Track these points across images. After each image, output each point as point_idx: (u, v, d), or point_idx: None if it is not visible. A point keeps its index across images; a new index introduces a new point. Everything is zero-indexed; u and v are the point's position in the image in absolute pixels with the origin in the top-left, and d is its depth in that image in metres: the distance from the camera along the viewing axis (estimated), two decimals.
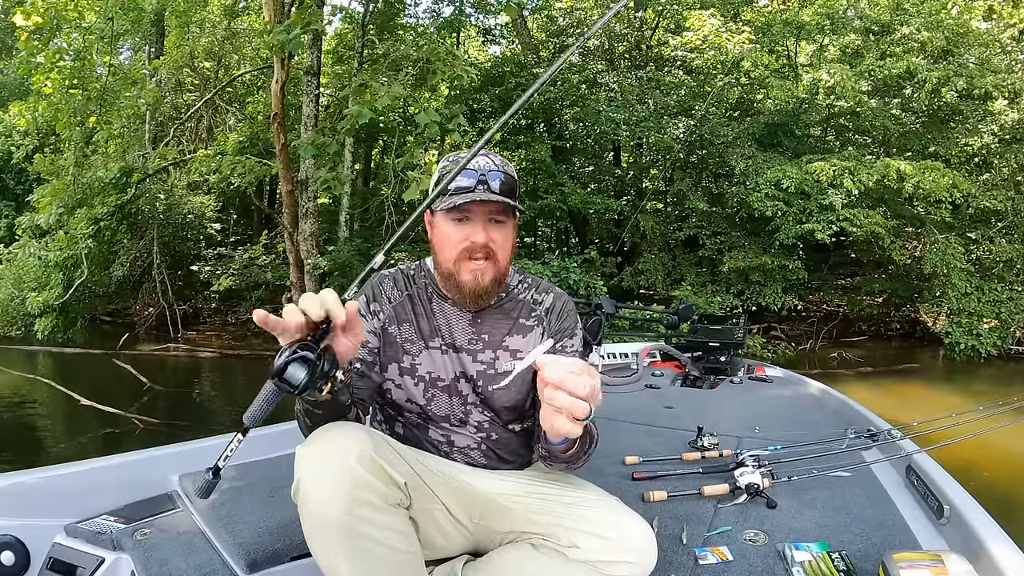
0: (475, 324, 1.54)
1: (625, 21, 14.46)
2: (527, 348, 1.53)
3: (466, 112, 11.18)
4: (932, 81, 9.50)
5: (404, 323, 1.53)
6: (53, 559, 1.69)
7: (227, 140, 12.96)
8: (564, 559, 1.38)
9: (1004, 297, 9.80)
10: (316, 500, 1.19)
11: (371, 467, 1.21)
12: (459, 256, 1.44)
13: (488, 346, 1.53)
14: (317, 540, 1.21)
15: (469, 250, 1.43)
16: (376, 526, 1.20)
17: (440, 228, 1.47)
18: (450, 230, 1.45)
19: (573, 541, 1.38)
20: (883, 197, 10.19)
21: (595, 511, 1.43)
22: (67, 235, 10.52)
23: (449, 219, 1.44)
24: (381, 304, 1.53)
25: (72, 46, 10.52)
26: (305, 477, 1.21)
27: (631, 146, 14.07)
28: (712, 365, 3.96)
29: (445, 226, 1.45)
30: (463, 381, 1.53)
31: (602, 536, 1.37)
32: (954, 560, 1.38)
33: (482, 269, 1.44)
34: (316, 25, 8.67)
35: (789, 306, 10.67)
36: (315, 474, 1.20)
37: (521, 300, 1.60)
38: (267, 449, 2.32)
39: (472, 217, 1.43)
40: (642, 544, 1.38)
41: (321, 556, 1.22)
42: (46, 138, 12.73)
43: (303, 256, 11.66)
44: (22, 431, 6.30)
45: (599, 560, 1.35)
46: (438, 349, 1.52)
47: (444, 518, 1.45)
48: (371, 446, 1.24)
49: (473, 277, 1.44)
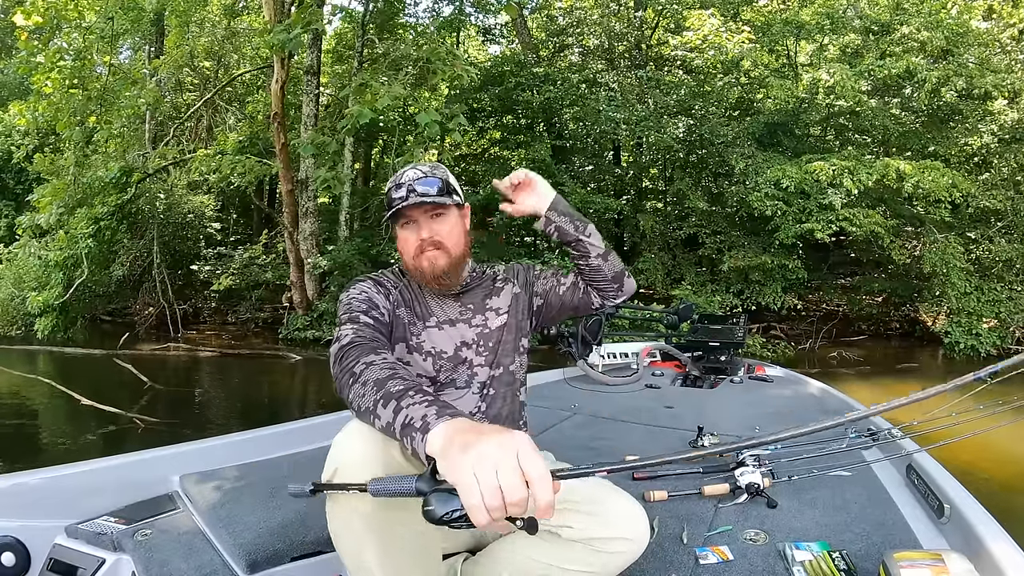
0: (460, 300, 1.75)
1: (625, 21, 14.47)
2: (505, 303, 1.78)
3: (466, 112, 11.19)
4: (932, 81, 9.50)
5: (403, 307, 1.69)
6: (54, 560, 1.69)
7: (227, 140, 12.98)
8: (557, 539, 1.39)
9: (1003, 297, 9.80)
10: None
11: (408, 455, 1.21)
12: (414, 253, 1.65)
13: (476, 311, 1.75)
14: (347, 528, 1.23)
15: (420, 247, 1.64)
16: (406, 513, 1.20)
17: (397, 237, 1.69)
18: (403, 235, 1.67)
19: (566, 521, 1.39)
20: (883, 197, 10.19)
21: (583, 490, 1.44)
22: (67, 235, 10.53)
23: (399, 228, 1.67)
24: (388, 288, 1.69)
25: (72, 46, 10.53)
26: (344, 466, 1.20)
27: (631, 145, 14.08)
28: (712, 365, 3.97)
29: (399, 234, 1.67)
30: (465, 348, 1.70)
31: (592, 513, 1.39)
32: (954, 559, 1.38)
33: (434, 257, 1.64)
34: (316, 25, 8.67)
35: (789, 305, 10.67)
36: (355, 459, 1.20)
37: (487, 275, 1.84)
38: (267, 449, 2.32)
39: (415, 219, 1.64)
40: (634, 521, 1.40)
41: (347, 543, 1.24)
42: (46, 138, 12.74)
43: (303, 255, 11.67)
44: (22, 431, 6.29)
45: (592, 537, 1.37)
46: (435, 327, 1.69)
47: None
48: None
49: (429, 264, 1.64)
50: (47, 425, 6.53)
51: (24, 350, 10.68)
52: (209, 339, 11.99)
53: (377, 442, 1.20)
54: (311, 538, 1.65)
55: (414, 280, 1.73)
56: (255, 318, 13.15)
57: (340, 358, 1.33)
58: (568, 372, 3.92)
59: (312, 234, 11.99)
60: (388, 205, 1.64)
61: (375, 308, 1.57)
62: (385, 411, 1.11)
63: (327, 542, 1.64)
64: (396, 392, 1.12)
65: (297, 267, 11.56)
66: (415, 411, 1.05)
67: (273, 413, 7.32)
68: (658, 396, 3.52)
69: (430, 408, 1.03)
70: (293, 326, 11.62)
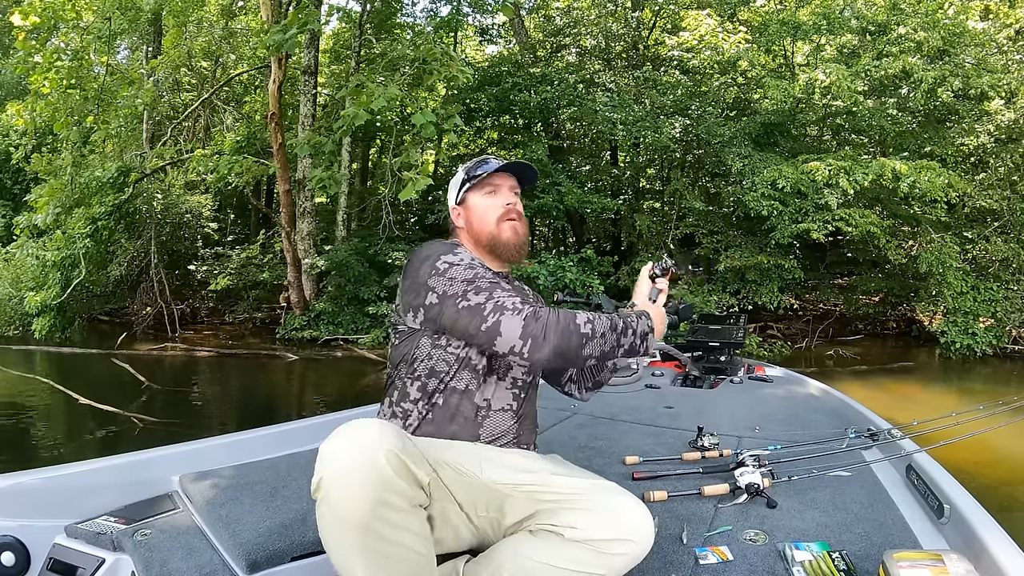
0: (508, 281, 1.77)
1: (622, 21, 14.47)
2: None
3: (463, 112, 11.18)
4: (928, 81, 9.51)
5: None
6: (53, 560, 1.69)
7: (224, 139, 12.95)
8: (560, 539, 1.38)
9: (1000, 296, 9.83)
10: (339, 499, 1.18)
11: (398, 467, 1.21)
12: (499, 218, 1.70)
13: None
14: (334, 539, 1.21)
15: (506, 212, 1.71)
16: (396, 528, 1.21)
17: (474, 206, 1.73)
18: (485, 202, 1.72)
19: (569, 521, 1.39)
20: (879, 196, 10.21)
21: (592, 492, 1.45)
22: (65, 235, 10.50)
23: (480, 195, 1.72)
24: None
25: (70, 46, 10.51)
26: (329, 474, 1.20)
27: (628, 145, 14.08)
28: (712, 365, 3.97)
29: (479, 201, 1.72)
30: None
31: (598, 515, 1.39)
32: (954, 559, 1.38)
33: (518, 226, 1.71)
34: (313, 25, 8.65)
35: (785, 305, 10.68)
36: (340, 472, 1.19)
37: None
38: (267, 449, 2.32)
39: (499, 190, 1.72)
40: (638, 522, 1.39)
41: (336, 555, 1.22)
42: (44, 138, 12.70)
43: (300, 256, 11.67)
44: (20, 431, 6.27)
45: (596, 539, 1.36)
46: None
47: (456, 515, 1.46)
48: (399, 445, 1.24)
49: (514, 232, 1.70)
50: (45, 425, 6.50)
51: (22, 350, 10.66)
52: (206, 339, 11.97)
53: (364, 453, 1.20)
54: (311, 538, 1.64)
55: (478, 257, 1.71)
56: (252, 318, 13.13)
57: (541, 320, 1.45)
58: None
59: (309, 234, 11.99)
60: (470, 175, 1.73)
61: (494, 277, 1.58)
62: (621, 329, 1.56)
63: None
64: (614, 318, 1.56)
65: (294, 267, 11.55)
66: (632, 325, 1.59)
67: (270, 413, 7.31)
68: (658, 396, 3.52)
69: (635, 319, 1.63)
70: (290, 326, 11.61)
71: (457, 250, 1.61)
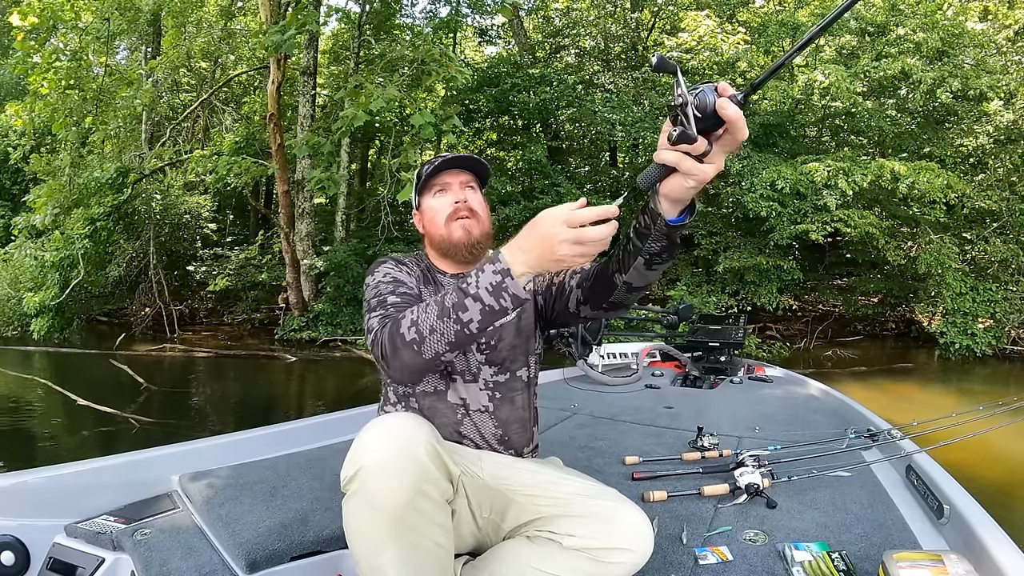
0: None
1: (621, 22, 14.48)
2: None
3: (462, 113, 11.18)
4: (927, 82, 9.53)
5: (423, 286, 1.65)
6: (53, 559, 1.68)
7: (223, 140, 12.95)
8: (558, 547, 1.38)
9: (999, 297, 9.84)
10: (377, 488, 1.17)
11: (435, 459, 1.21)
12: (448, 219, 1.62)
13: None
14: (366, 531, 1.20)
15: (455, 211, 1.62)
16: (429, 520, 1.21)
17: (427, 209, 1.68)
18: (435, 203, 1.65)
19: (568, 529, 1.38)
20: (878, 198, 10.22)
21: (591, 499, 1.44)
22: (63, 235, 10.49)
23: (431, 195, 1.67)
24: (410, 266, 1.65)
25: (68, 46, 10.50)
26: (368, 463, 1.19)
27: (627, 146, 14.08)
28: (712, 365, 3.97)
29: (430, 203, 1.66)
30: None
31: (598, 523, 1.38)
32: (954, 560, 1.38)
33: (469, 225, 1.62)
34: (311, 26, 8.65)
35: (784, 306, 10.69)
36: (380, 461, 1.18)
37: None
38: (267, 449, 2.31)
39: (449, 188, 1.65)
40: (637, 531, 1.38)
41: (365, 547, 1.21)
42: (42, 138, 12.69)
43: (299, 256, 11.66)
44: (19, 431, 6.27)
45: (593, 547, 1.35)
46: None
47: (466, 514, 1.47)
48: (434, 437, 1.25)
49: (464, 232, 1.62)
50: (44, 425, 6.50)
51: (20, 351, 10.66)
52: (205, 340, 11.96)
53: (405, 443, 1.20)
54: (311, 538, 1.64)
55: (434, 262, 1.70)
56: (251, 319, 13.13)
57: (379, 342, 1.32)
58: (568, 372, 3.93)
59: (308, 235, 11.99)
60: (419, 178, 1.68)
61: (402, 285, 1.53)
62: (454, 306, 1.22)
63: (327, 542, 1.64)
64: (446, 296, 1.24)
65: (293, 268, 11.55)
66: (474, 280, 1.21)
67: (269, 413, 7.31)
68: (658, 396, 3.53)
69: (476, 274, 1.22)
70: (289, 327, 11.61)
71: (382, 265, 1.62)
